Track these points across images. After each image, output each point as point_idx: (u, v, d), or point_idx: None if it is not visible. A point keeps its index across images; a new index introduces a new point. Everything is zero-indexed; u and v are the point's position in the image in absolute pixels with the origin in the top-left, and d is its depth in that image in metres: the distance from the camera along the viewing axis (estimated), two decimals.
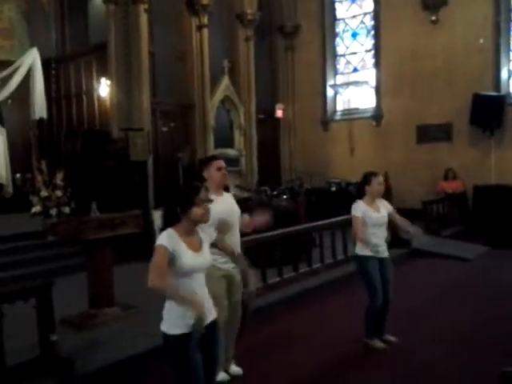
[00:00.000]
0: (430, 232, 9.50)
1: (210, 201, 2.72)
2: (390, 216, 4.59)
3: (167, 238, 2.60)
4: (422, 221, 9.57)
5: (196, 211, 2.63)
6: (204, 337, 2.64)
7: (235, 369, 4.03)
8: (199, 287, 2.68)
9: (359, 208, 4.48)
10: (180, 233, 2.64)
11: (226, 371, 3.96)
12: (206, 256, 2.72)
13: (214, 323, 2.74)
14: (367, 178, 4.53)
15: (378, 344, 4.54)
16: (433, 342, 4.65)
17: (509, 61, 10.98)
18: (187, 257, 2.60)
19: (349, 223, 5.75)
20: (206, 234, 2.82)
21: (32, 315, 3.81)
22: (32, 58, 9.83)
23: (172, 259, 2.58)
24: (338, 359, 4.39)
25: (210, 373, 2.75)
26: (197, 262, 2.64)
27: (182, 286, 2.60)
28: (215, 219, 3.25)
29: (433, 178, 11.22)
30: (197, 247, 2.68)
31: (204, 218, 2.68)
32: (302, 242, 6.90)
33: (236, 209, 3.92)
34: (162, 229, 2.70)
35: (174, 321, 2.60)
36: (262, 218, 3.88)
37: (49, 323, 3.84)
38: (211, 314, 2.72)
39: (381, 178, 4.55)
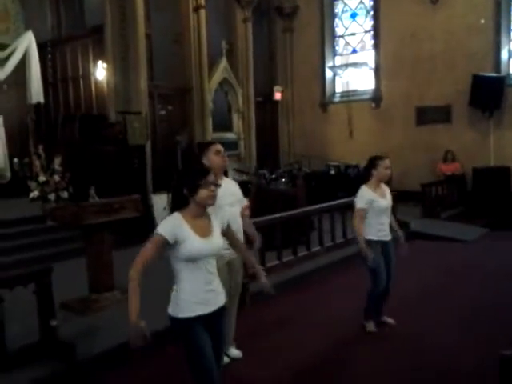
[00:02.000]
0: (429, 214, 9.53)
1: (218, 185, 2.67)
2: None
3: (169, 226, 2.55)
4: (421, 203, 9.63)
5: (202, 193, 2.58)
6: (211, 322, 2.65)
7: (235, 351, 4.07)
8: (210, 274, 2.64)
9: (365, 197, 4.43)
10: (187, 217, 2.59)
11: (226, 354, 3.99)
12: (215, 241, 2.65)
13: (221, 309, 2.72)
14: (374, 162, 4.47)
15: (372, 328, 4.56)
16: (432, 324, 4.69)
17: (509, 41, 10.87)
18: (193, 242, 2.54)
19: (348, 206, 5.76)
20: (219, 219, 2.75)
21: (32, 300, 3.83)
22: (27, 42, 9.70)
23: (174, 245, 2.54)
24: (337, 341, 4.43)
25: (218, 355, 2.76)
26: (204, 248, 2.57)
27: (191, 269, 2.57)
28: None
29: (432, 160, 11.20)
30: (205, 232, 2.62)
31: (210, 201, 2.62)
32: (300, 225, 6.90)
33: (237, 192, 3.91)
34: (171, 211, 2.65)
35: (180, 305, 2.60)
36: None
37: (49, 308, 3.85)
38: (219, 300, 2.71)
39: (388, 162, 4.47)
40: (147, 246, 2.55)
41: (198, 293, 2.59)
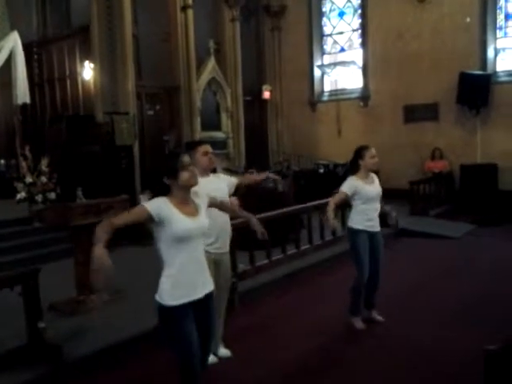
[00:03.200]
0: (418, 212, 9.58)
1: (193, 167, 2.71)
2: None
3: (155, 203, 2.59)
4: (409, 201, 9.68)
5: (182, 175, 2.62)
6: (199, 308, 2.67)
7: (224, 351, 4.05)
8: (197, 255, 2.68)
9: (349, 183, 4.46)
10: (174, 202, 2.62)
11: (215, 353, 3.98)
12: (202, 221, 2.70)
13: (210, 295, 2.75)
14: (360, 153, 4.50)
15: (359, 324, 4.55)
16: (421, 321, 4.71)
17: (495, 39, 10.97)
18: (181, 221, 2.57)
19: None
20: (200, 199, 2.80)
21: (19, 302, 3.79)
22: (13, 42, 9.60)
23: (161, 226, 2.56)
24: (327, 339, 4.43)
25: (205, 344, 2.78)
26: (192, 227, 2.62)
27: (179, 252, 2.59)
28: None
29: (420, 157, 11.26)
30: (192, 212, 2.67)
31: (192, 181, 2.67)
32: (290, 223, 6.90)
33: (222, 187, 3.90)
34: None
35: (168, 291, 2.60)
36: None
37: (36, 310, 3.82)
38: (207, 286, 2.73)
39: (373, 151, 4.50)
40: (131, 209, 2.61)
41: (186, 277, 2.60)
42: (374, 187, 4.51)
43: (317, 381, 3.71)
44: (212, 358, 3.89)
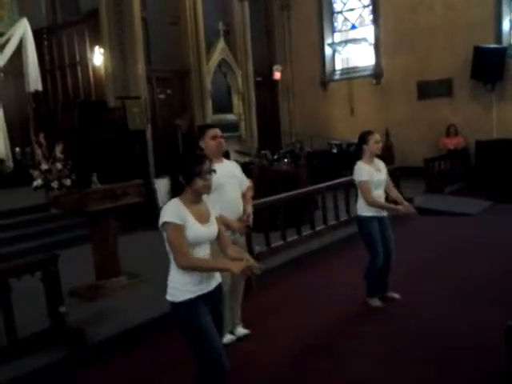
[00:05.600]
0: (433, 189, 9.50)
1: (213, 171, 2.67)
2: (387, 185, 4.61)
3: (174, 212, 2.56)
4: (425, 178, 9.60)
5: (198, 182, 2.59)
6: (210, 300, 2.67)
7: (242, 331, 4.11)
8: (203, 256, 2.67)
9: (365, 171, 4.44)
10: (186, 203, 2.61)
11: (232, 332, 4.03)
12: (213, 228, 2.69)
13: (219, 287, 2.76)
14: (364, 138, 4.51)
15: (377, 303, 4.60)
16: (438, 298, 4.71)
17: (510, 11, 10.70)
18: (195, 229, 2.57)
19: (351, 184, 5.75)
20: (212, 206, 2.77)
21: (41, 288, 3.86)
22: (23, 29, 9.59)
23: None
24: (343, 317, 4.46)
25: (218, 333, 2.78)
26: (204, 235, 2.62)
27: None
28: (213, 185, 3.25)
29: (434, 134, 11.12)
30: (204, 218, 2.65)
31: (205, 190, 2.64)
32: (304, 205, 6.90)
33: (236, 173, 3.90)
34: (171, 198, 2.67)
35: (180, 288, 2.61)
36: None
37: (56, 295, 3.89)
38: (215, 278, 2.73)
39: (378, 136, 4.54)
40: (171, 239, 2.55)
41: (193, 275, 2.60)
42: (380, 174, 4.53)
43: (332, 358, 3.74)
44: (230, 338, 3.96)
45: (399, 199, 4.60)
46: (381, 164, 4.60)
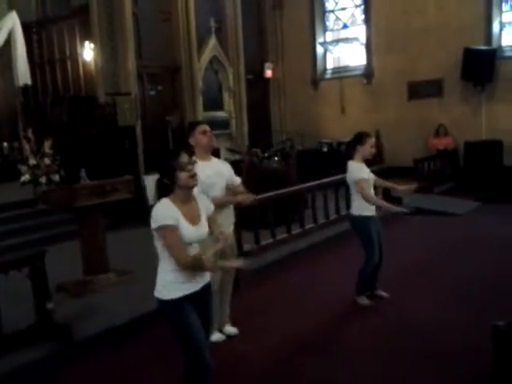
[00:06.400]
0: (422, 189, 9.54)
1: (194, 162, 2.62)
2: (375, 181, 4.63)
3: (167, 213, 2.53)
4: (414, 179, 9.64)
5: (181, 176, 2.55)
6: (197, 299, 2.66)
7: (230, 329, 4.10)
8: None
9: (361, 169, 4.45)
10: (176, 202, 2.58)
11: (221, 331, 4.03)
12: (204, 228, 2.66)
13: (207, 286, 2.74)
14: (361, 139, 4.46)
15: (365, 301, 4.62)
16: (428, 298, 4.74)
17: (500, 13, 10.79)
18: (186, 230, 2.55)
19: (341, 183, 5.76)
20: (203, 204, 2.74)
21: (28, 284, 3.82)
22: (12, 23, 9.49)
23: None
24: (333, 317, 4.47)
25: (205, 331, 2.76)
26: (195, 235, 2.60)
27: None
28: (203, 185, 3.24)
29: (424, 135, 11.19)
30: (195, 218, 2.62)
31: (191, 182, 2.59)
32: (294, 203, 6.90)
33: (225, 172, 3.88)
34: (158, 199, 2.63)
35: (167, 286, 2.61)
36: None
37: (44, 291, 3.85)
38: (203, 279, 2.71)
39: (373, 141, 4.53)
40: (168, 241, 2.52)
41: (182, 273, 2.58)
42: (370, 172, 4.57)
43: (320, 357, 3.74)
44: (219, 336, 3.95)
45: (392, 185, 4.61)
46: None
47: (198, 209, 2.68)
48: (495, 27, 10.76)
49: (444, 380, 3.35)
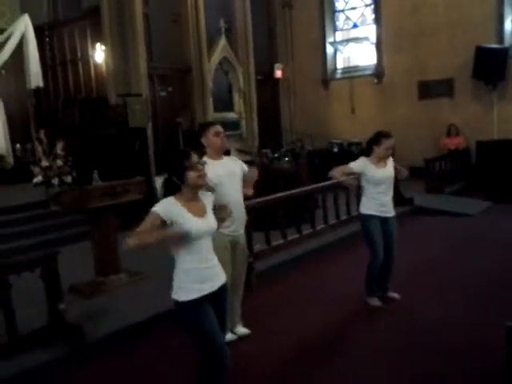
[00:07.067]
0: (433, 189, 9.49)
1: (204, 163, 2.68)
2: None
3: (163, 205, 2.60)
4: (425, 178, 9.59)
5: (191, 175, 2.60)
6: (214, 300, 2.68)
7: (242, 330, 4.11)
8: (208, 253, 2.69)
9: (359, 162, 4.47)
10: (182, 201, 2.63)
11: (233, 331, 4.03)
12: (210, 221, 2.70)
13: (223, 286, 2.76)
14: (378, 139, 4.40)
15: (376, 302, 4.60)
16: (438, 298, 4.71)
17: None
18: (191, 222, 2.58)
19: None
20: (208, 201, 2.79)
21: (40, 285, 3.86)
22: (24, 26, 9.56)
23: (172, 227, 2.57)
24: (343, 316, 4.46)
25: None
26: (202, 227, 2.62)
27: (189, 251, 2.61)
28: (212, 184, 3.26)
29: (435, 134, 11.10)
30: (201, 212, 2.67)
31: (200, 181, 2.65)
32: (304, 203, 6.90)
33: (236, 170, 3.88)
34: (164, 197, 2.68)
35: (184, 287, 2.62)
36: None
37: (56, 292, 3.89)
38: (220, 279, 2.74)
39: (392, 142, 4.40)
40: (145, 221, 2.59)
41: (198, 272, 2.61)
42: (384, 170, 4.44)
43: (331, 357, 3.74)
44: (231, 336, 3.96)
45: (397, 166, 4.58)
46: (389, 162, 4.51)
47: (203, 205, 2.72)
48: (507, 25, 10.64)
49: (452, 376, 3.35)
